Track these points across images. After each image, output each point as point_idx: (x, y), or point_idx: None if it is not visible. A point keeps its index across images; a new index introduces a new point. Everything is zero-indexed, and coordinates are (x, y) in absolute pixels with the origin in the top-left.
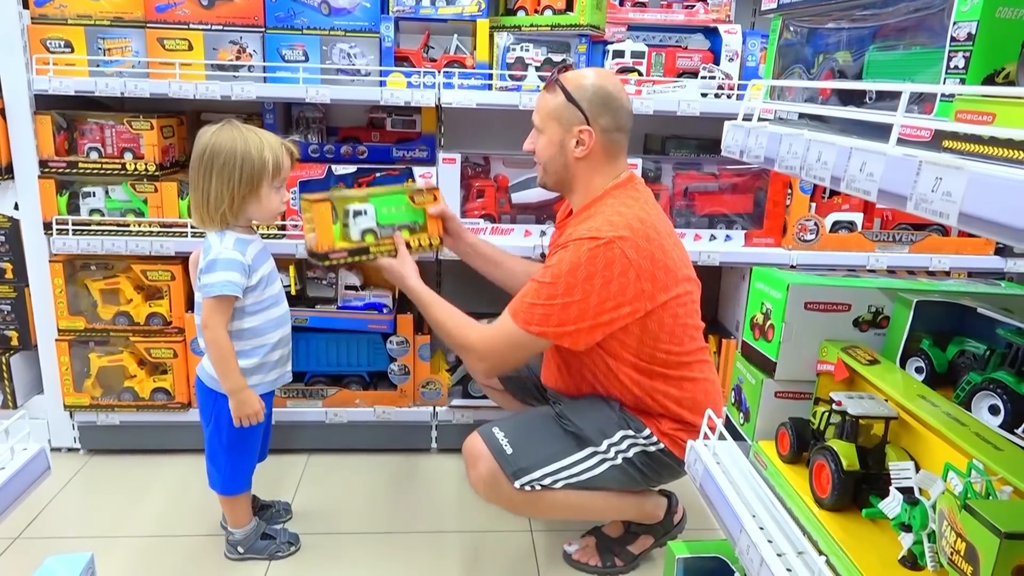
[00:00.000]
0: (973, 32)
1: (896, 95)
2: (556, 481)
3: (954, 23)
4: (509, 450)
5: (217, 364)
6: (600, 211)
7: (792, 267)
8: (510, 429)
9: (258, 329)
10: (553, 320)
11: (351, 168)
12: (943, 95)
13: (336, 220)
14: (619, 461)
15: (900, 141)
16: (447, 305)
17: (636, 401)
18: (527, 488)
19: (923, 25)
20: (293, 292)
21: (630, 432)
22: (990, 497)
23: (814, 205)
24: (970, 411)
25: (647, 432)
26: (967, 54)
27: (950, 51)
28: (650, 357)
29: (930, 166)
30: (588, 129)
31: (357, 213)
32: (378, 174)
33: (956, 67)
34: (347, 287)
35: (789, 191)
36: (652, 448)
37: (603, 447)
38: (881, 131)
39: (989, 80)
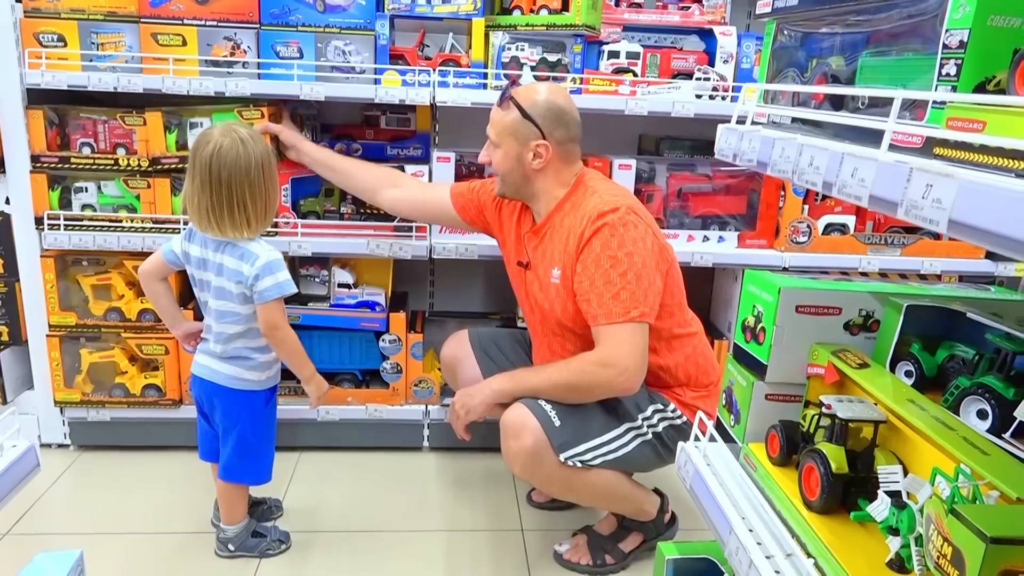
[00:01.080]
0: (965, 40)
1: (888, 101)
2: (596, 457)
3: (946, 30)
4: (557, 422)
5: (295, 357)
6: (583, 198)
7: (784, 269)
8: (556, 402)
9: None
10: (640, 295)
11: None
12: (935, 102)
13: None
14: (649, 436)
15: (892, 147)
16: (539, 369)
17: (653, 378)
18: (570, 463)
19: (916, 32)
20: None
21: (659, 406)
22: (977, 502)
23: (807, 207)
24: (958, 415)
25: (672, 406)
26: (959, 61)
27: (942, 58)
28: (667, 321)
29: (921, 173)
30: (545, 144)
31: (193, 126)
32: None
33: (948, 74)
34: (340, 285)
35: (782, 193)
36: (679, 421)
37: (638, 422)
38: (873, 136)
39: (980, 88)
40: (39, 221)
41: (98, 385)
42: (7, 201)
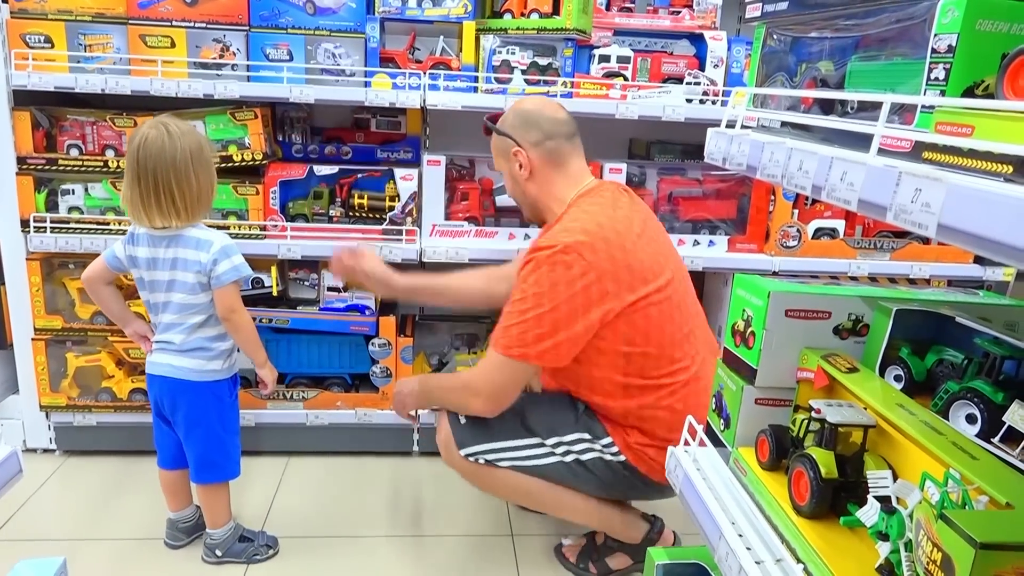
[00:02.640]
0: (953, 44)
1: (877, 105)
2: (502, 460)
3: (935, 35)
4: (462, 420)
5: (250, 342)
6: (561, 221)
7: (774, 273)
8: None
9: None
10: (530, 337)
11: (334, 169)
12: (923, 106)
13: None
14: (569, 460)
15: (881, 151)
16: (440, 376)
17: (607, 410)
18: (471, 459)
19: (905, 36)
20: (275, 293)
21: (587, 436)
22: (966, 507)
23: (796, 212)
24: (947, 420)
25: (608, 441)
26: (947, 66)
27: (931, 63)
28: (625, 369)
29: (910, 177)
30: (519, 149)
31: None
32: (360, 175)
33: (936, 79)
34: (329, 288)
35: (772, 197)
36: (610, 458)
37: (551, 442)
38: (862, 141)
39: (969, 92)
40: (25, 223)
41: (84, 389)
42: None
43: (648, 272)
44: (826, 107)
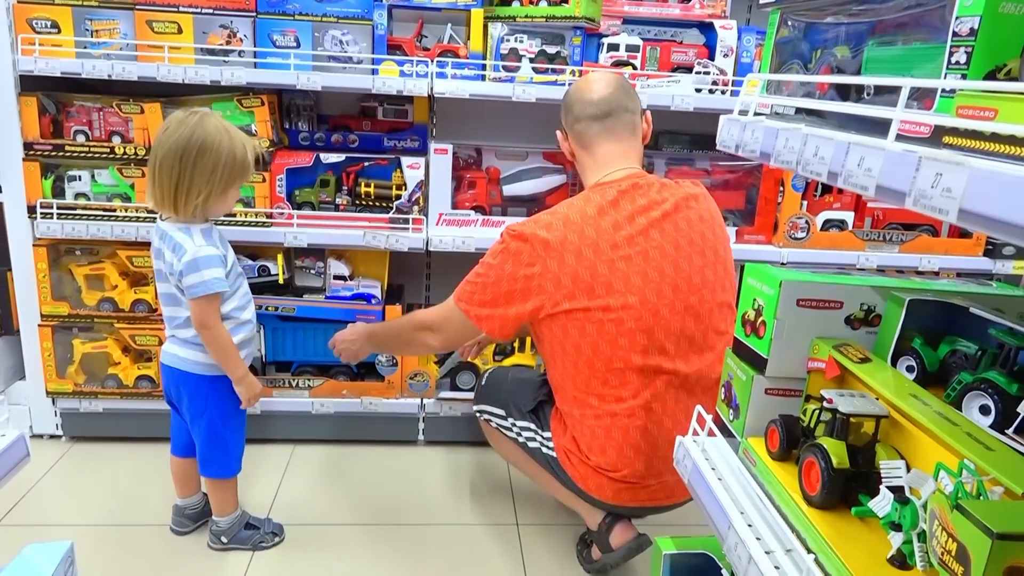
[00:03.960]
0: (975, 27)
1: (895, 91)
2: (491, 421)
3: (956, 18)
4: (484, 381)
5: (225, 357)
6: (535, 215)
7: (782, 265)
8: (495, 372)
9: (234, 311)
10: (476, 300)
11: (340, 157)
12: (944, 90)
13: None
14: (521, 439)
15: (899, 137)
16: (388, 322)
17: (559, 406)
18: (476, 414)
19: (921, 21)
20: (281, 280)
21: (532, 426)
22: (981, 497)
23: (805, 203)
24: (961, 411)
25: (547, 435)
26: (969, 49)
27: (951, 46)
28: (562, 370)
29: (930, 162)
30: (560, 131)
31: None
32: (367, 163)
33: (958, 62)
34: (335, 276)
35: (781, 188)
36: (546, 451)
37: (508, 422)
38: (879, 127)
39: (991, 76)
40: (32, 210)
41: (90, 376)
42: None
43: (600, 287)
44: (842, 93)
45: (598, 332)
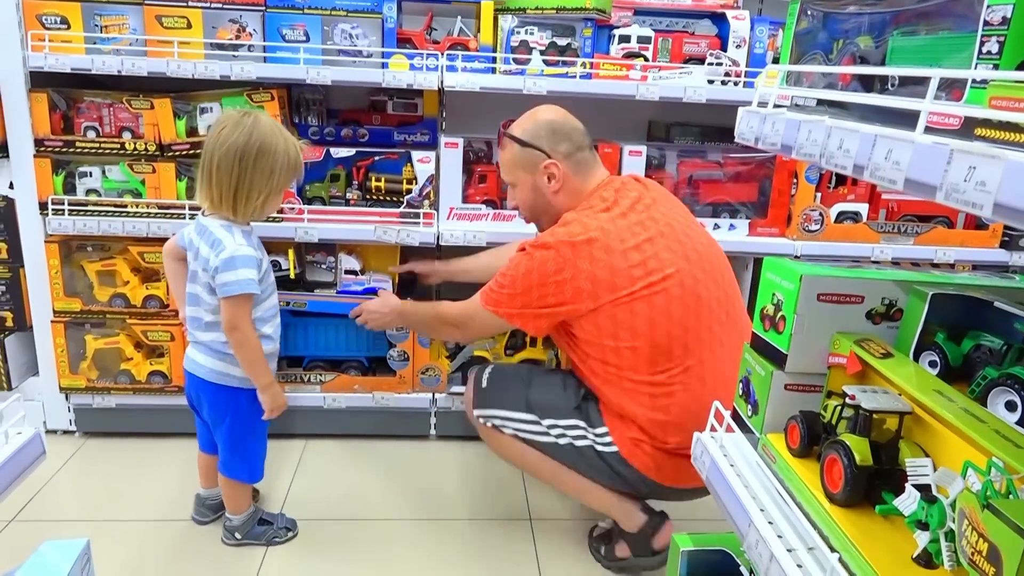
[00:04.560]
0: (1008, 16)
1: (920, 82)
2: (505, 426)
3: (988, 6)
4: (484, 384)
5: (251, 363)
6: (552, 228)
7: (796, 257)
8: (499, 370)
9: (263, 318)
10: (504, 305)
11: (350, 151)
12: (975, 81)
13: None
14: (562, 443)
15: (927, 129)
16: (419, 303)
17: (608, 401)
18: (481, 420)
19: (947, 10)
20: (292, 276)
21: (582, 424)
22: (1011, 496)
23: (819, 195)
24: (986, 407)
25: (603, 431)
26: (1001, 39)
27: (983, 35)
28: (617, 357)
29: (963, 155)
30: (553, 162)
31: (203, 111)
32: (377, 158)
33: (989, 52)
34: (347, 271)
35: (795, 180)
36: (602, 448)
37: (546, 423)
38: (904, 119)
39: None
40: (43, 206)
41: (103, 371)
42: (11, 186)
43: (637, 269)
44: (865, 84)
45: (650, 308)
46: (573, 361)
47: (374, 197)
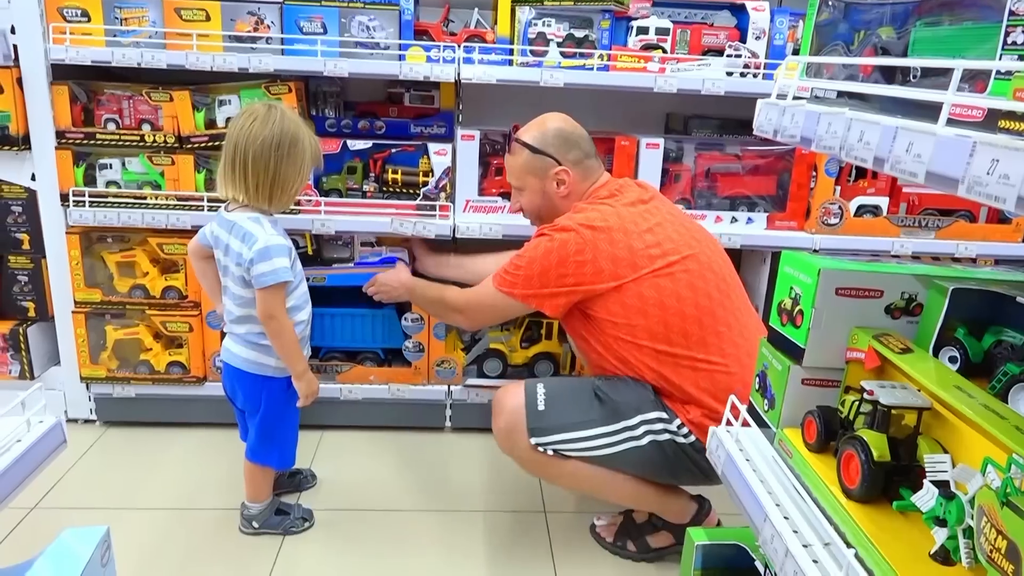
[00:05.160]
0: None
1: (943, 73)
2: (572, 450)
3: None
4: (541, 407)
5: (288, 351)
6: (568, 214)
7: (815, 251)
8: (553, 388)
9: (294, 308)
10: (520, 287)
11: (367, 144)
12: (999, 72)
13: None
14: (644, 442)
15: (949, 121)
16: (431, 284)
17: (660, 388)
18: (541, 449)
19: (968, 0)
20: (310, 252)
21: (664, 416)
22: None
23: (839, 188)
24: (1007, 403)
25: (679, 422)
26: None
27: (1008, 26)
28: (650, 335)
29: (986, 147)
30: (563, 169)
31: (222, 103)
32: (394, 150)
33: (1014, 43)
34: (363, 244)
35: (814, 174)
36: (683, 440)
37: (635, 421)
38: (926, 111)
39: None
40: (64, 198)
41: (123, 362)
42: (32, 177)
43: (654, 248)
44: (887, 76)
45: (674, 282)
46: (603, 356)
47: (391, 189)
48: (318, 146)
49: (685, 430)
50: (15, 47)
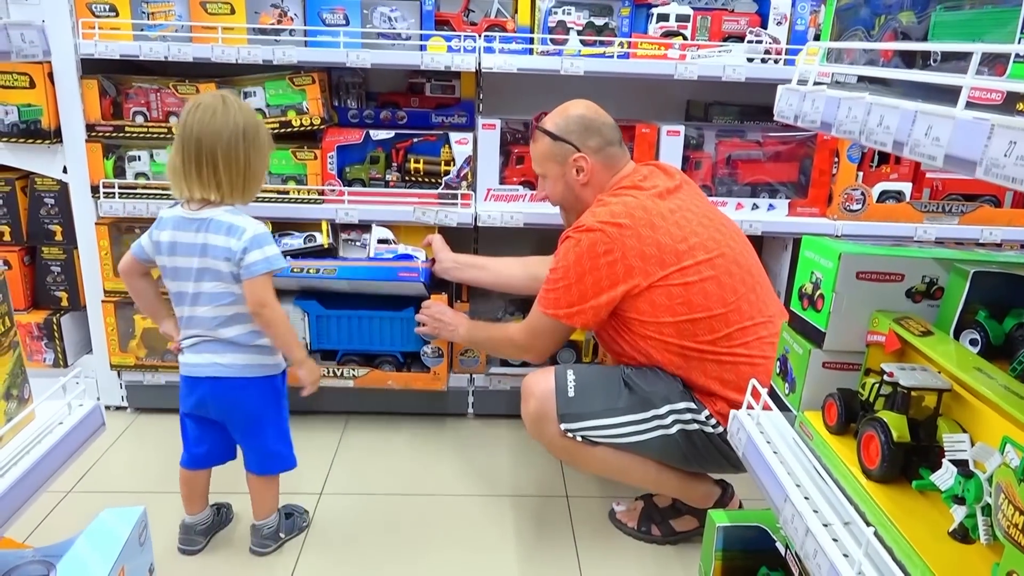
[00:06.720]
0: None
1: (963, 57)
2: (600, 437)
3: None
4: (571, 393)
5: (285, 338)
6: (595, 207)
7: (837, 238)
8: (583, 374)
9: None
10: (563, 303)
11: (389, 133)
12: (1018, 55)
13: None
14: (673, 431)
15: (969, 104)
16: (488, 324)
17: (686, 382)
18: (570, 435)
19: None
20: (325, 246)
21: (693, 407)
22: None
23: (861, 174)
24: None
25: (707, 412)
26: None
27: None
28: (678, 332)
29: (1004, 129)
30: (582, 155)
31: (247, 95)
32: (415, 140)
33: None
34: (380, 240)
35: (836, 159)
36: (711, 430)
37: (664, 411)
38: (947, 95)
39: None
40: (95, 189)
41: (151, 350)
42: (64, 170)
43: (681, 244)
44: (908, 60)
45: (701, 280)
46: (627, 352)
47: (413, 179)
48: (268, 131)
49: (713, 420)
50: None
